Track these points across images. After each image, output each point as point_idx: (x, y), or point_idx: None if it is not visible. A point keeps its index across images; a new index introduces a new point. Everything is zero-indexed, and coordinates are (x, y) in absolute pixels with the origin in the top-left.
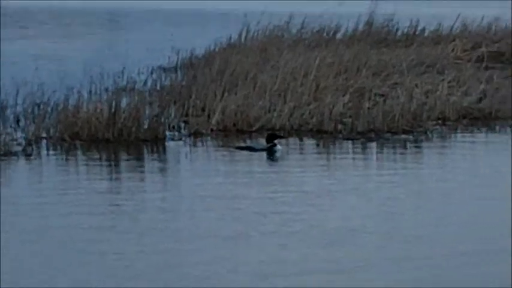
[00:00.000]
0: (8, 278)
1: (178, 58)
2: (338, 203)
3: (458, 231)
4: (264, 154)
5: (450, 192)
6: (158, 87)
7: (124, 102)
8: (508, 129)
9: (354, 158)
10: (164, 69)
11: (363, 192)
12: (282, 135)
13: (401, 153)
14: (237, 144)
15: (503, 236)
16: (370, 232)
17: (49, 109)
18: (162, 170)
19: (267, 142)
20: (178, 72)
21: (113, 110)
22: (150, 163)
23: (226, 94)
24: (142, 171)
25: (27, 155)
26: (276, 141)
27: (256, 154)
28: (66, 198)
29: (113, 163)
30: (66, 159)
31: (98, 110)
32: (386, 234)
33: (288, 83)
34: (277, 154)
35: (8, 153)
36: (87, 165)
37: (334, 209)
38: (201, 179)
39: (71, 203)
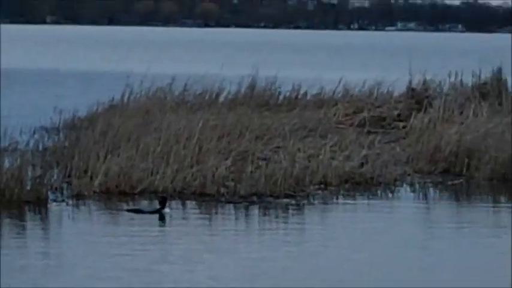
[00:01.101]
0: None
1: (60, 119)
2: (212, 265)
3: None
4: (152, 216)
5: (327, 256)
6: (41, 148)
7: (6, 162)
8: (390, 194)
9: (235, 222)
10: (46, 130)
11: (239, 254)
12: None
13: (283, 217)
14: (126, 207)
15: None
16: None
17: None
18: (44, 232)
19: (160, 205)
20: (61, 133)
21: None
22: (32, 224)
23: (109, 156)
24: (23, 233)
25: None
26: (167, 204)
27: (141, 216)
28: None
29: None
30: None
31: None
32: None
33: (171, 145)
34: (166, 217)
35: None
36: None
37: (205, 270)
38: (83, 241)
39: None
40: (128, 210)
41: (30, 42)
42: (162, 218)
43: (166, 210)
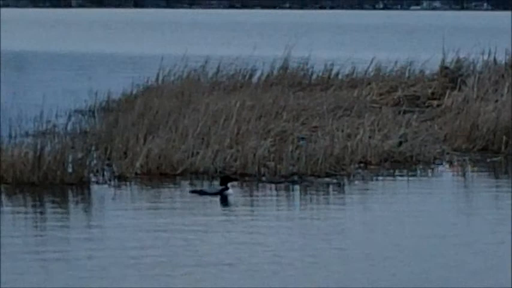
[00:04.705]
0: None
1: (95, 101)
2: (252, 245)
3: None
4: (215, 198)
5: (369, 234)
6: (79, 131)
7: (48, 145)
8: (429, 172)
9: (277, 201)
10: (82, 113)
11: (280, 235)
12: (236, 178)
13: (324, 196)
14: (191, 189)
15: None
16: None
17: None
18: (87, 212)
19: (221, 185)
20: (97, 115)
21: (37, 153)
22: (75, 206)
23: (149, 137)
24: (67, 214)
25: None
26: (229, 184)
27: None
28: None
29: (38, 207)
30: None
31: (23, 154)
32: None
33: (209, 126)
34: (229, 198)
35: None
36: (12, 208)
37: (245, 250)
38: (126, 220)
39: None
40: (191, 192)
41: (58, 25)
42: (225, 199)
43: (230, 191)
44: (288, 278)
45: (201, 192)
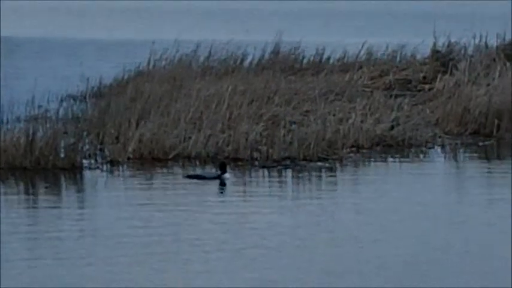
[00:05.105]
0: None
1: (87, 86)
2: (243, 230)
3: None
4: (195, 181)
5: (359, 218)
6: (71, 116)
7: (40, 130)
8: (421, 156)
9: (269, 185)
10: (74, 98)
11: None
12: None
13: (316, 181)
14: (188, 173)
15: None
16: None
17: None
18: (79, 197)
19: (220, 170)
20: (88, 100)
21: (30, 138)
22: (68, 190)
23: (141, 122)
24: (59, 198)
25: None
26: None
27: (184, 181)
28: None
29: (30, 191)
30: None
31: (15, 139)
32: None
33: (201, 111)
34: (227, 182)
35: None
36: (5, 192)
37: (236, 236)
38: (117, 204)
39: None
40: (188, 177)
41: (49, 12)
42: (223, 184)
43: (227, 175)
44: (274, 261)
45: (199, 177)
